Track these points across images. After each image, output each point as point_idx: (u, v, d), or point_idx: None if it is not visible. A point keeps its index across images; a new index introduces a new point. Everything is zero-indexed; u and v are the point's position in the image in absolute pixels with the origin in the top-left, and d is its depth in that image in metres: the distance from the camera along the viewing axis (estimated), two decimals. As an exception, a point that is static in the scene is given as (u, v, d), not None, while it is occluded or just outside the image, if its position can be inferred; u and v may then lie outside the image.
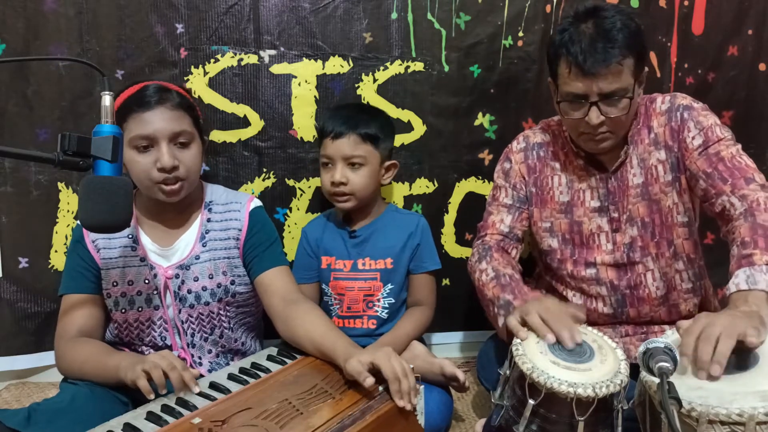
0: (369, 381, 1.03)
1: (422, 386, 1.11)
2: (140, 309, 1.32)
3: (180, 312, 1.33)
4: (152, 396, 1.04)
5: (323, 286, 1.57)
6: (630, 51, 1.21)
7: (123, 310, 1.32)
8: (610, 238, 1.37)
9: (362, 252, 1.54)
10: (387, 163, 1.53)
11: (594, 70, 1.20)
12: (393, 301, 1.54)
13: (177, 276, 1.32)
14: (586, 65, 1.20)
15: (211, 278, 1.34)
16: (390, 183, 1.60)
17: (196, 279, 1.33)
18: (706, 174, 1.25)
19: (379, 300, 1.53)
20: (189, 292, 1.33)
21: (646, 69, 1.29)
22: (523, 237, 1.45)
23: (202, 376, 1.30)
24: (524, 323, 1.10)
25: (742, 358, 0.92)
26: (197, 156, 1.30)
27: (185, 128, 1.27)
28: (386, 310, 1.54)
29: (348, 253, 1.54)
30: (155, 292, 1.32)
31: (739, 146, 1.27)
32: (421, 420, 1.11)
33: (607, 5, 1.27)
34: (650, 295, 1.36)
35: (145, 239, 1.34)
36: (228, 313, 1.37)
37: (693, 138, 1.29)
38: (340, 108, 1.58)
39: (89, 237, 1.32)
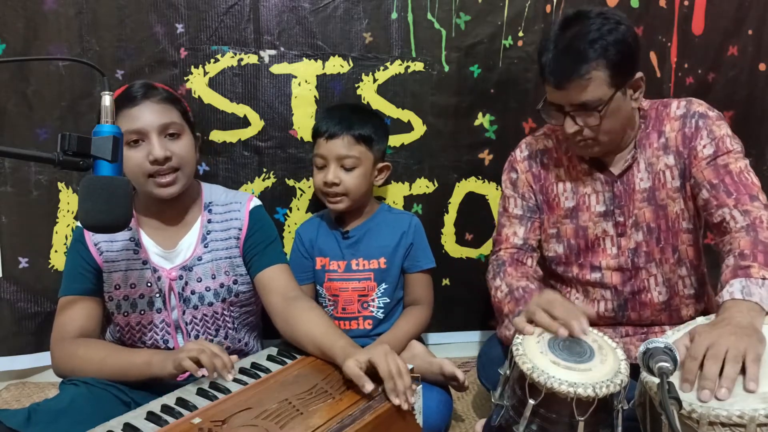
0: (368, 387, 1.04)
1: (420, 386, 1.11)
2: (143, 312, 1.32)
3: (184, 313, 1.33)
4: (200, 374, 1.10)
5: (318, 287, 1.57)
6: (600, 62, 1.17)
7: (125, 314, 1.31)
8: (615, 242, 1.36)
9: (356, 252, 1.54)
10: (380, 165, 1.53)
11: (560, 84, 1.19)
12: (388, 300, 1.54)
13: (181, 277, 1.32)
14: (552, 79, 1.19)
15: (214, 278, 1.34)
16: (382, 185, 1.60)
17: (199, 280, 1.33)
18: (711, 185, 1.23)
19: (373, 300, 1.53)
20: (193, 293, 1.33)
21: (639, 74, 1.24)
22: (538, 245, 1.43)
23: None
24: (531, 323, 1.09)
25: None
26: (189, 147, 1.30)
27: (174, 120, 1.28)
28: (381, 310, 1.54)
29: (342, 253, 1.54)
30: (158, 295, 1.32)
31: (747, 162, 1.26)
32: (419, 419, 1.11)
33: (592, 11, 1.22)
34: (653, 300, 1.35)
35: (147, 241, 1.34)
36: (232, 314, 1.37)
37: (704, 147, 1.27)
38: (334, 108, 1.57)
39: (91, 239, 1.31)
